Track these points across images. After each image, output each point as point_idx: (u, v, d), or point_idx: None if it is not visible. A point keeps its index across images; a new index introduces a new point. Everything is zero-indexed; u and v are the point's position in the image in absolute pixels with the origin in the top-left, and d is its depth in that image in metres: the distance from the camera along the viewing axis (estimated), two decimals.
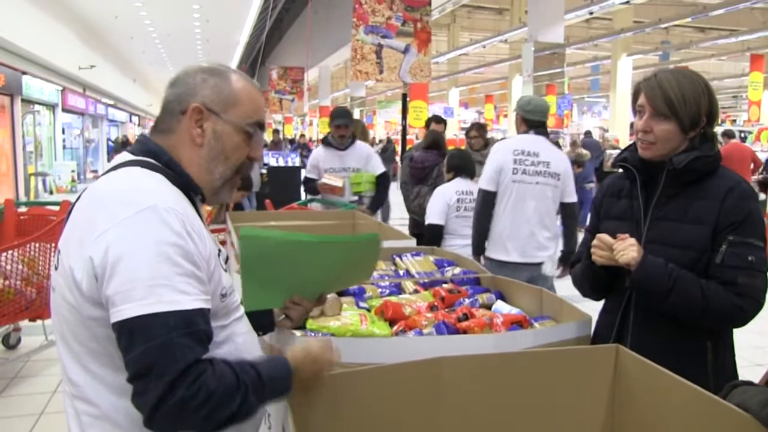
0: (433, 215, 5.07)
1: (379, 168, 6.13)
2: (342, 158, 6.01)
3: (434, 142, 6.63)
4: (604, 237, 2.07)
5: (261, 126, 1.59)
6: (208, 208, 4.80)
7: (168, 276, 1.30)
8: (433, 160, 6.37)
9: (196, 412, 1.26)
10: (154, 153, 1.51)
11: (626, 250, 2.01)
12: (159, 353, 1.25)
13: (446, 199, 5.05)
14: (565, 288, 3.13)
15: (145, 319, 1.26)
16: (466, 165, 5.27)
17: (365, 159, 6.08)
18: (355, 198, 5.96)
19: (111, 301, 1.29)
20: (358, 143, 6.15)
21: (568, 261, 4.50)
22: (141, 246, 1.30)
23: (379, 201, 6.15)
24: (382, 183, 6.12)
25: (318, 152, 6.14)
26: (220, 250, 1.56)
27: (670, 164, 2.08)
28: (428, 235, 5.06)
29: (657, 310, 2.06)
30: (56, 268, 1.46)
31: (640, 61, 23.36)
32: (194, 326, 1.31)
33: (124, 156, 1.54)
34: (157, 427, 1.28)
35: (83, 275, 1.33)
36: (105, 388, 1.40)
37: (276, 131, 20.74)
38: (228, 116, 1.53)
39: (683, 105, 2.04)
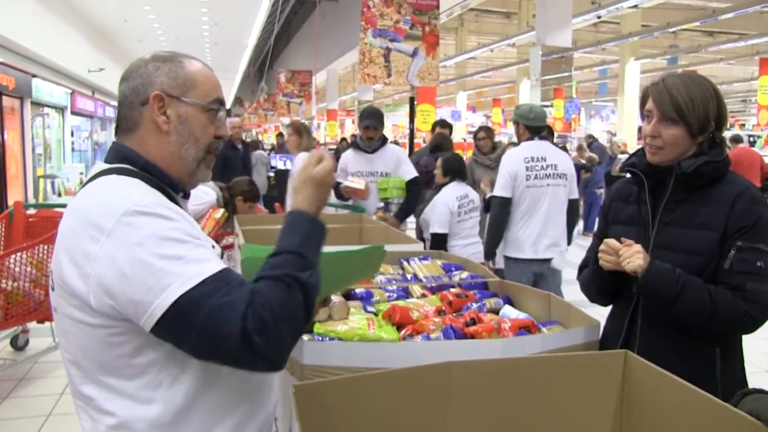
0: (437, 224, 5.18)
1: (411, 173, 5.73)
2: (370, 162, 5.70)
3: (439, 146, 6.63)
4: (612, 242, 2.07)
5: (222, 103, 1.61)
6: (217, 216, 4.81)
7: (181, 254, 1.32)
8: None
9: (279, 335, 1.29)
10: (128, 158, 1.53)
11: (632, 257, 2.01)
12: (212, 321, 1.27)
13: (449, 207, 5.22)
14: (573, 293, 3.12)
15: (184, 299, 1.28)
16: (462, 169, 5.61)
17: (395, 163, 5.71)
18: (381, 205, 5.57)
19: (143, 303, 1.29)
20: (389, 146, 5.81)
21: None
22: (141, 243, 1.31)
23: (407, 209, 5.65)
24: (412, 189, 5.67)
25: (347, 155, 5.83)
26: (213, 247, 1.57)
27: (679, 169, 2.07)
28: (433, 244, 5.13)
29: (665, 316, 2.05)
30: (53, 289, 1.47)
31: (648, 65, 23.29)
32: (229, 283, 1.32)
33: (99, 166, 1.55)
34: (276, 365, 1.34)
35: (89, 292, 1.34)
36: (121, 397, 1.41)
37: (281, 135, 20.74)
38: (189, 98, 1.54)
39: (691, 109, 2.03)
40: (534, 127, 4.86)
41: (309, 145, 6.65)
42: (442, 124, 7.46)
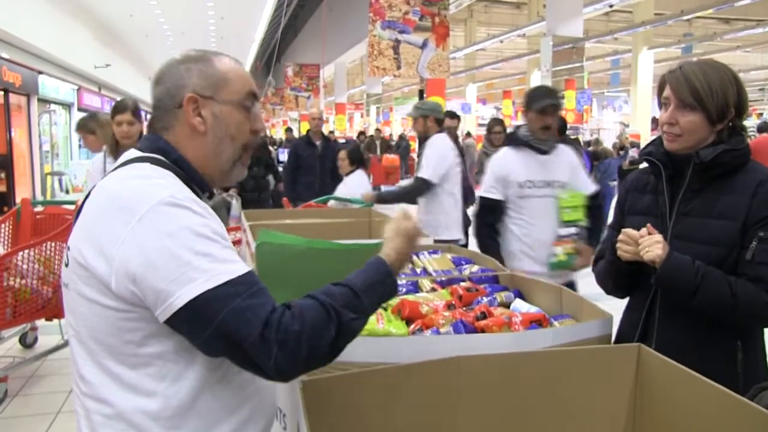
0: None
1: (590, 184, 4.05)
2: (545, 167, 3.85)
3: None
4: (630, 231, 2.05)
5: (255, 96, 1.62)
6: None
7: (210, 251, 1.34)
8: None
9: (297, 353, 1.30)
10: (162, 150, 1.54)
11: (651, 246, 1.98)
12: (233, 321, 1.28)
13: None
14: (587, 286, 3.10)
15: (207, 296, 1.29)
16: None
17: (571, 169, 3.93)
18: (568, 231, 3.70)
19: (165, 292, 1.30)
20: (561, 145, 4.02)
21: None
22: (172, 234, 1.32)
23: (596, 234, 3.85)
24: (596, 206, 3.98)
25: (505, 157, 3.95)
26: None
27: (697, 158, 2.04)
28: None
29: (684, 308, 2.03)
30: (66, 265, 1.47)
31: (661, 54, 23.15)
32: (255, 285, 1.34)
33: (132, 153, 1.55)
34: (285, 378, 1.36)
35: (111, 274, 1.34)
36: (120, 386, 1.40)
37: (289, 129, 20.78)
38: (222, 96, 1.55)
39: (710, 95, 2.01)
40: (440, 119, 5.38)
41: (107, 138, 5.17)
42: (451, 115, 7.43)
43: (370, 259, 1.52)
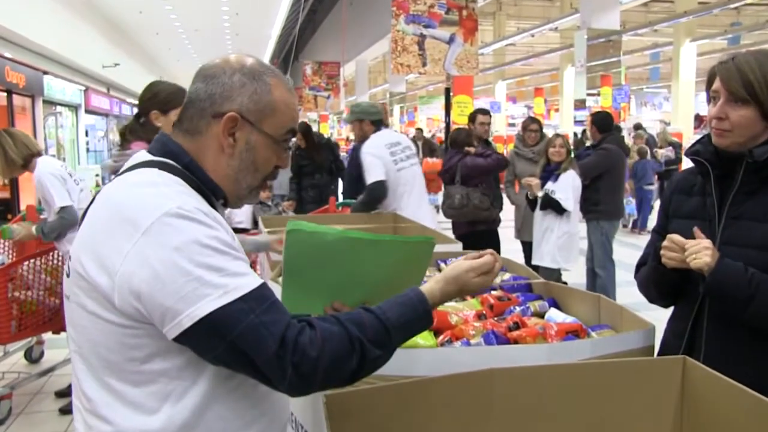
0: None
1: None
2: None
3: (454, 141, 6.66)
4: (676, 237, 2.02)
5: (294, 133, 1.62)
6: None
7: (221, 265, 1.33)
8: (457, 160, 6.38)
9: (312, 378, 1.33)
10: (174, 154, 1.52)
11: (699, 253, 1.96)
12: (247, 339, 1.29)
13: None
14: (627, 296, 3.08)
15: (219, 313, 1.29)
16: None
17: None
18: None
19: (172, 310, 1.30)
20: None
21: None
22: (180, 248, 1.31)
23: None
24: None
25: None
26: None
27: (750, 156, 2.02)
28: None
29: (735, 319, 2.00)
30: (68, 275, 1.47)
31: (705, 46, 22.86)
32: (268, 300, 1.35)
33: (142, 156, 1.55)
34: (299, 395, 1.39)
35: (114, 290, 1.34)
36: (122, 404, 1.40)
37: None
38: (264, 127, 1.54)
39: (764, 88, 1.97)
40: (377, 120, 5.53)
41: (22, 152, 4.75)
42: (483, 112, 7.42)
43: (410, 292, 1.52)
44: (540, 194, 5.99)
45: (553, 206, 5.91)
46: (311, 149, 8.61)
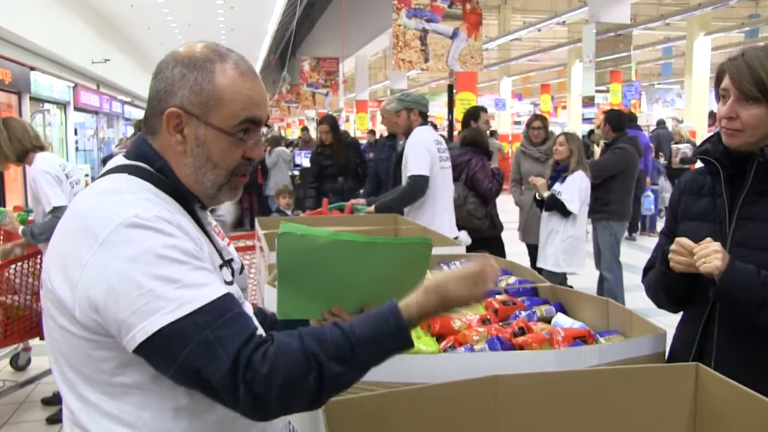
0: None
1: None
2: None
3: (472, 141, 6.63)
4: (684, 241, 2.02)
5: (255, 122, 1.53)
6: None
7: (177, 277, 1.31)
8: (468, 157, 6.37)
9: (266, 399, 1.28)
10: (146, 157, 1.52)
11: (709, 257, 1.95)
12: (199, 356, 1.27)
13: None
14: (636, 300, 3.09)
15: (172, 328, 1.27)
16: None
17: None
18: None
19: (126, 324, 1.29)
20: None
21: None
22: (135, 258, 1.30)
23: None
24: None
25: None
26: (223, 264, 1.56)
27: (762, 156, 2.02)
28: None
29: (746, 324, 2.00)
30: (41, 288, 1.47)
31: (721, 40, 22.81)
32: (226, 314, 1.31)
33: (118, 160, 1.55)
34: (257, 419, 1.32)
35: (74, 302, 1.34)
36: (101, 416, 1.40)
37: (305, 129, 20.84)
38: (211, 119, 1.48)
39: None
40: (425, 113, 5.48)
41: (16, 148, 4.74)
42: (484, 109, 7.42)
43: (386, 305, 1.43)
44: (546, 195, 5.99)
45: (558, 208, 5.91)
46: (336, 148, 7.84)
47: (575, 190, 5.87)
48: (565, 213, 5.90)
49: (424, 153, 5.16)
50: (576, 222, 5.94)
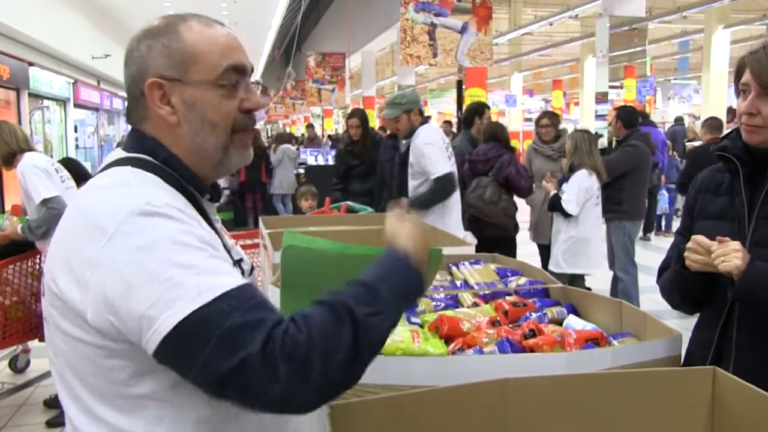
0: None
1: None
2: None
3: (494, 135, 6.63)
4: (701, 239, 2.01)
5: (239, 70, 1.49)
6: None
7: (195, 262, 1.26)
8: (499, 152, 6.36)
9: (310, 371, 1.20)
10: (150, 149, 1.47)
11: (728, 255, 1.94)
12: (228, 344, 1.20)
13: None
14: (650, 302, 3.08)
15: (196, 316, 1.21)
16: None
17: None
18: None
19: (146, 318, 1.22)
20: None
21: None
22: (147, 248, 1.25)
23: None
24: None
25: None
26: (234, 264, 1.49)
27: None
28: None
29: (767, 326, 1.99)
30: (44, 295, 1.42)
31: (740, 33, 22.66)
32: (253, 298, 1.26)
33: (117, 153, 1.50)
34: (299, 410, 1.26)
35: (86, 304, 1.28)
36: (108, 431, 1.34)
37: (311, 126, 20.87)
38: (192, 76, 1.44)
39: None
40: (422, 110, 5.51)
41: (1, 150, 4.85)
42: (487, 106, 7.41)
43: (384, 252, 1.44)
44: (552, 194, 6.00)
45: (558, 208, 5.91)
46: (364, 146, 7.28)
47: (574, 189, 5.85)
48: (565, 213, 5.90)
49: (438, 151, 5.22)
50: (578, 222, 5.91)
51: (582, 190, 5.85)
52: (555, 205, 5.93)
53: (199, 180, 1.50)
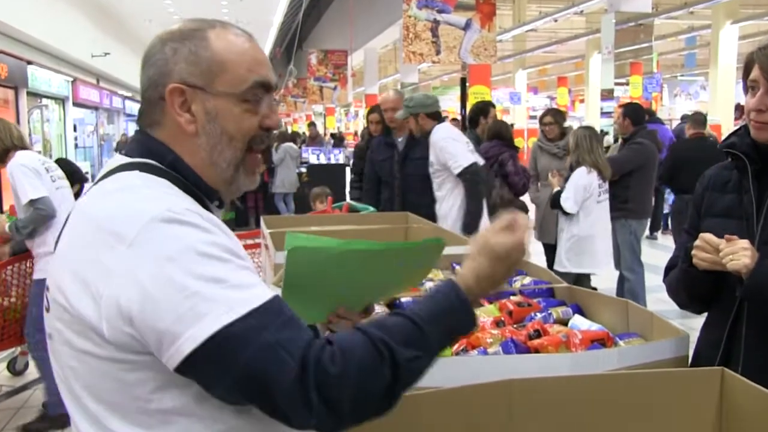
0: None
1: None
2: None
3: (498, 134, 6.65)
4: (709, 236, 2.01)
5: (265, 86, 1.44)
6: None
7: (223, 276, 1.21)
8: (500, 150, 6.38)
9: (340, 400, 1.18)
10: (156, 153, 1.41)
11: (737, 254, 1.94)
12: (262, 362, 1.16)
13: None
14: (657, 302, 3.07)
15: (226, 332, 1.16)
16: None
17: None
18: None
19: (169, 333, 1.17)
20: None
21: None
22: (173, 258, 1.19)
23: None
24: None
25: None
26: None
27: None
28: None
29: None
30: (48, 310, 1.36)
31: (749, 28, 22.60)
32: (283, 314, 1.22)
33: (118, 159, 1.44)
34: (332, 427, 1.22)
35: (101, 317, 1.21)
36: None
37: (312, 124, 20.88)
38: (218, 86, 1.39)
39: None
40: (435, 112, 5.47)
41: None
42: (493, 105, 7.42)
43: (439, 285, 1.40)
44: (554, 192, 6.01)
45: (558, 205, 5.92)
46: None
47: (572, 187, 5.84)
48: (564, 212, 5.90)
49: (458, 145, 5.27)
50: (579, 220, 5.90)
51: (580, 187, 5.82)
52: (555, 202, 5.94)
53: (209, 186, 1.45)
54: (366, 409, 1.23)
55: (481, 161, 5.39)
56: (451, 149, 5.19)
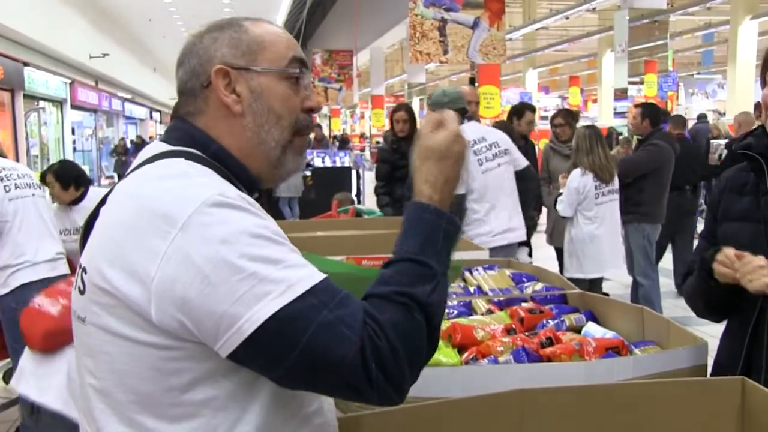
0: None
1: None
2: None
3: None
4: (729, 253, 1.97)
5: (302, 62, 1.52)
6: None
7: (279, 257, 1.25)
8: None
9: (398, 362, 1.23)
10: (198, 142, 1.45)
11: (754, 274, 1.90)
12: (322, 341, 1.21)
13: None
14: (672, 309, 3.06)
15: (287, 311, 1.20)
16: None
17: None
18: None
19: (228, 316, 1.20)
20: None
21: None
22: (228, 240, 1.23)
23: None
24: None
25: None
26: None
27: None
28: None
29: None
30: (82, 292, 1.37)
31: None
32: (339, 292, 1.27)
33: (158, 147, 1.47)
34: (397, 401, 1.29)
35: (150, 301, 1.24)
36: None
37: (318, 126, 20.89)
38: (261, 63, 1.47)
39: None
40: (458, 109, 5.22)
41: None
42: (532, 109, 7.42)
43: (406, 214, 1.42)
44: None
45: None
46: (409, 144, 6.81)
47: (566, 190, 5.85)
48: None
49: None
50: (577, 224, 5.88)
51: (572, 190, 5.79)
52: (554, 205, 5.98)
53: (253, 177, 1.50)
54: (420, 355, 1.30)
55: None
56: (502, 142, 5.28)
